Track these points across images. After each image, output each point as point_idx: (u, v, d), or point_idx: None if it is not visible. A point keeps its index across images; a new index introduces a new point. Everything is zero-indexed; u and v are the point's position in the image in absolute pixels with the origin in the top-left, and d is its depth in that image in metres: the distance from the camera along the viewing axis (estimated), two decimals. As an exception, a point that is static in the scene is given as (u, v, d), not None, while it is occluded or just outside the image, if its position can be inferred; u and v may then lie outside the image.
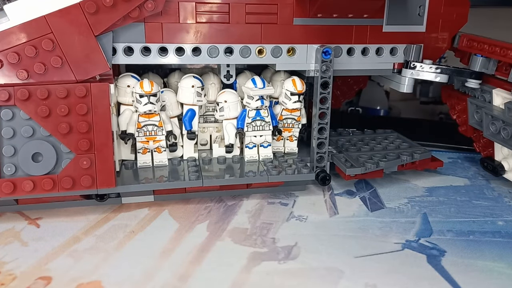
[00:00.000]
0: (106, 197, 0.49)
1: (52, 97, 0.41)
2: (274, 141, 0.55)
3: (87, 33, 0.42)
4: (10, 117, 0.41)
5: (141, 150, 0.51)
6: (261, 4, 0.47)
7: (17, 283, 0.36)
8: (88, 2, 0.41)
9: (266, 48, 0.49)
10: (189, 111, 0.51)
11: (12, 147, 0.41)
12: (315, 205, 0.51)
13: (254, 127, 0.52)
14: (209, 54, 0.48)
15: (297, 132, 0.55)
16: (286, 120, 0.54)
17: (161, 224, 0.46)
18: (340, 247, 0.42)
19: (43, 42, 0.41)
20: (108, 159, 0.43)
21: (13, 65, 0.41)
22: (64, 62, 0.42)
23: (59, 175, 0.42)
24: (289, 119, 0.54)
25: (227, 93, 0.52)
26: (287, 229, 0.45)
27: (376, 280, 0.37)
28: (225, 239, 0.43)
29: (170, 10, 0.45)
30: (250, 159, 0.53)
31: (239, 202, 0.51)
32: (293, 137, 0.56)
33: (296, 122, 0.54)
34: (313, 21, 0.48)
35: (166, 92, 0.52)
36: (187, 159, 0.53)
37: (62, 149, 0.43)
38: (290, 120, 0.54)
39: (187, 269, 0.38)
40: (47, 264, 0.39)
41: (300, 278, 0.37)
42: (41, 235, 0.44)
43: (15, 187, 0.41)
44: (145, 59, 0.47)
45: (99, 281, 0.37)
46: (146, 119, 0.49)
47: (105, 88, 0.42)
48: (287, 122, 0.54)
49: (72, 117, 0.42)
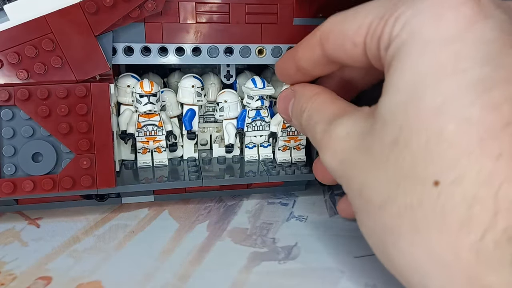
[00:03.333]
0: (106, 197, 0.49)
1: (52, 97, 0.41)
2: (280, 151, 0.53)
3: (87, 33, 0.42)
4: (10, 117, 0.41)
5: (141, 150, 0.51)
6: (261, 4, 0.47)
7: (17, 283, 0.36)
8: (88, 2, 0.41)
9: (266, 48, 0.49)
10: (189, 111, 0.51)
11: (12, 147, 0.41)
12: (315, 205, 0.51)
13: (254, 127, 0.52)
14: (209, 54, 0.48)
15: (304, 140, 0.53)
16: (290, 128, 0.52)
17: (161, 224, 0.46)
18: (340, 247, 0.42)
19: (43, 42, 0.41)
20: (108, 159, 0.43)
21: (13, 65, 0.41)
22: (64, 62, 0.42)
23: (59, 175, 0.42)
24: (294, 127, 0.52)
25: (227, 93, 0.52)
26: (287, 229, 0.45)
27: (376, 280, 0.37)
28: (225, 239, 0.43)
29: (170, 10, 0.45)
30: (250, 159, 0.53)
31: (239, 202, 0.51)
32: (300, 146, 0.53)
33: None
34: (313, 21, 0.48)
35: (166, 92, 0.52)
36: (187, 159, 0.53)
37: (62, 149, 0.43)
38: (294, 128, 0.52)
39: (187, 269, 0.38)
40: (47, 264, 0.39)
41: (300, 278, 0.37)
42: (41, 235, 0.44)
43: (15, 187, 0.41)
44: (145, 59, 0.47)
45: (99, 281, 0.37)
46: (146, 119, 0.49)
47: (105, 88, 0.42)
48: (291, 130, 0.52)
49: (72, 117, 0.42)
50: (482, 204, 0.24)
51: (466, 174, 0.25)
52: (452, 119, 0.26)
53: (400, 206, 0.27)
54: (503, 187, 0.24)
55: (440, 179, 0.26)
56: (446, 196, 0.25)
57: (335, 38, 0.35)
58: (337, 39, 0.34)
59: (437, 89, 0.27)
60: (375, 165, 0.30)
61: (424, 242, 0.26)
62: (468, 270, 0.25)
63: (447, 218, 0.25)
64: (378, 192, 0.29)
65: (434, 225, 0.26)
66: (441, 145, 0.26)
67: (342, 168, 0.33)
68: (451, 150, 0.25)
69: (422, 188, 0.26)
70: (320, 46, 0.36)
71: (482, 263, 0.24)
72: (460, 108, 0.26)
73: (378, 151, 0.29)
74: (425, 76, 0.27)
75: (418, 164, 0.27)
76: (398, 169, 0.28)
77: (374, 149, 0.30)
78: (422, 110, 0.27)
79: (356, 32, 0.33)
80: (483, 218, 0.24)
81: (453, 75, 0.26)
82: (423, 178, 0.26)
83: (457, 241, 0.25)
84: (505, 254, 0.24)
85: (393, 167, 0.28)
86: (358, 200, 0.32)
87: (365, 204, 0.31)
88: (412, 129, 0.27)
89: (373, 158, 0.30)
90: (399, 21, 0.29)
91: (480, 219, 0.24)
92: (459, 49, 0.27)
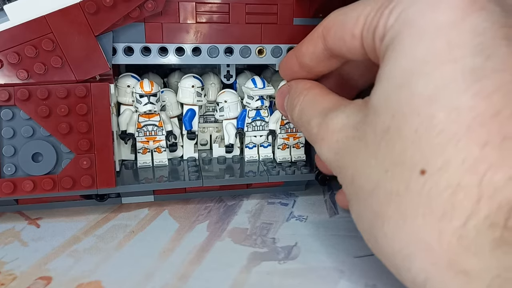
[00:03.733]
0: (106, 197, 0.49)
1: (52, 97, 0.41)
2: (280, 150, 0.53)
3: (87, 33, 0.42)
4: (10, 117, 0.41)
5: (141, 150, 0.51)
6: (261, 4, 0.47)
7: (17, 283, 0.36)
8: (88, 2, 0.41)
9: (266, 48, 0.49)
10: (189, 111, 0.51)
11: (12, 147, 0.41)
12: (315, 205, 0.51)
13: (254, 127, 0.52)
14: (209, 54, 0.48)
15: (303, 138, 0.53)
16: (289, 125, 0.52)
17: (161, 224, 0.46)
18: (340, 247, 0.42)
19: (43, 42, 0.41)
20: (108, 159, 0.43)
21: (13, 65, 0.41)
22: (64, 62, 0.42)
23: (59, 175, 0.42)
24: (292, 124, 0.52)
25: (227, 93, 0.52)
26: (287, 229, 0.45)
27: (376, 280, 0.37)
28: (225, 239, 0.43)
29: (170, 10, 0.45)
30: (250, 159, 0.53)
31: (239, 202, 0.51)
32: (299, 144, 0.53)
33: None
34: (313, 21, 0.48)
35: (166, 92, 0.52)
36: (187, 159, 0.53)
37: (62, 149, 0.43)
38: (293, 125, 0.52)
39: (187, 269, 0.38)
40: (47, 264, 0.39)
41: (300, 278, 0.37)
42: (41, 235, 0.44)
43: (15, 187, 0.41)
44: (145, 59, 0.47)
45: (99, 281, 0.37)
46: (146, 119, 0.49)
47: (105, 88, 0.42)
48: (290, 127, 0.52)
49: (72, 117, 0.42)
50: (466, 191, 0.25)
51: (452, 161, 0.25)
52: (443, 107, 0.26)
53: (387, 192, 0.28)
54: (487, 174, 0.24)
55: (427, 167, 0.26)
56: (431, 182, 0.26)
57: (335, 31, 0.35)
58: (337, 32, 0.35)
59: (429, 77, 0.27)
60: (367, 153, 0.30)
61: (409, 227, 0.27)
62: (450, 254, 0.25)
63: (432, 204, 0.26)
64: (369, 179, 0.30)
65: (419, 211, 0.26)
66: (430, 133, 0.26)
67: (337, 159, 0.34)
68: (439, 137, 0.26)
69: (409, 175, 0.27)
70: (322, 39, 0.37)
71: (463, 248, 0.25)
72: (451, 97, 0.26)
73: (371, 139, 0.30)
74: (418, 64, 0.28)
75: (406, 151, 0.27)
76: (388, 156, 0.28)
77: (367, 138, 0.30)
78: (414, 97, 0.27)
79: (354, 24, 0.33)
80: (466, 205, 0.25)
81: (445, 64, 0.27)
82: (411, 165, 0.27)
83: (440, 227, 0.25)
84: (486, 241, 0.24)
85: (383, 154, 0.29)
86: (350, 187, 0.32)
87: (357, 191, 0.31)
88: (404, 116, 0.28)
89: (366, 146, 0.30)
90: (394, 12, 0.30)
91: (463, 206, 0.25)
92: (452, 38, 0.27)
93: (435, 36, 0.28)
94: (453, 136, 0.26)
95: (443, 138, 0.26)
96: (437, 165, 0.26)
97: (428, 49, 0.28)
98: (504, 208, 0.24)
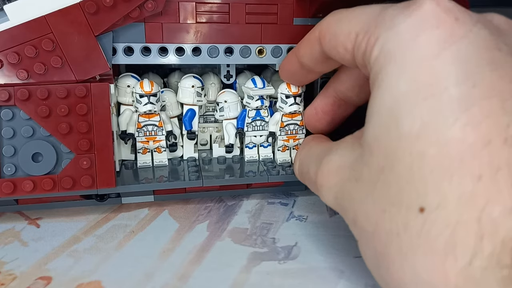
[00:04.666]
0: (106, 197, 0.49)
1: (52, 97, 0.41)
2: (280, 152, 0.52)
3: (87, 33, 0.42)
4: (10, 117, 0.41)
5: (141, 150, 0.51)
6: (261, 4, 0.47)
7: (17, 283, 0.36)
8: (88, 2, 0.41)
9: (266, 48, 0.49)
10: (189, 111, 0.51)
11: (12, 147, 0.41)
12: (315, 205, 0.51)
13: (254, 127, 0.52)
14: (209, 54, 0.48)
15: (303, 140, 0.51)
16: (289, 127, 0.51)
17: (161, 224, 0.46)
18: (340, 247, 0.42)
19: (43, 42, 0.41)
20: (108, 159, 0.43)
21: (13, 65, 0.41)
22: (64, 62, 0.42)
23: (59, 175, 0.42)
24: (291, 125, 0.50)
25: (227, 93, 0.52)
26: (287, 229, 0.45)
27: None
28: (225, 239, 0.43)
29: (170, 10, 0.45)
30: (250, 159, 0.53)
31: (239, 202, 0.51)
32: (299, 145, 0.51)
33: (299, 128, 0.51)
34: (313, 21, 0.48)
35: (166, 92, 0.52)
36: (187, 159, 0.53)
37: (62, 149, 0.43)
38: (292, 126, 0.51)
39: (187, 269, 0.38)
40: (47, 264, 0.39)
41: (300, 278, 0.37)
42: (41, 235, 0.44)
43: (15, 187, 0.41)
44: (145, 59, 0.47)
45: (99, 281, 0.37)
46: (146, 119, 0.49)
47: (105, 88, 0.42)
48: (289, 129, 0.51)
49: (72, 117, 0.42)
50: (466, 228, 0.24)
51: (448, 198, 0.25)
52: (432, 143, 0.26)
53: (387, 233, 0.28)
54: (486, 209, 0.24)
55: (425, 205, 0.25)
56: (430, 221, 0.25)
57: (330, 39, 0.35)
58: (332, 41, 0.35)
59: (414, 114, 0.26)
60: (365, 193, 0.30)
61: (411, 267, 0.26)
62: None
63: (433, 244, 0.25)
64: (368, 220, 0.29)
65: (420, 251, 0.26)
66: (423, 171, 0.26)
67: (338, 203, 0.34)
68: (433, 174, 0.25)
69: (406, 214, 0.26)
70: (318, 43, 0.37)
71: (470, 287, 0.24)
72: (439, 131, 0.25)
73: (367, 180, 0.30)
74: (402, 102, 0.27)
75: (403, 190, 0.27)
76: (385, 196, 0.28)
77: (363, 178, 0.30)
78: (402, 138, 0.27)
79: (346, 38, 0.33)
80: (469, 242, 0.24)
81: (429, 98, 0.26)
82: (408, 204, 0.26)
83: (444, 266, 0.25)
84: (493, 279, 0.23)
85: (379, 194, 0.28)
86: (354, 229, 0.32)
87: (360, 232, 0.31)
88: (396, 157, 0.27)
89: (363, 187, 0.30)
90: (378, 43, 0.29)
91: (465, 244, 0.24)
92: (434, 70, 0.27)
93: (417, 70, 0.27)
94: (446, 172, 0.25)
95: (436, 175, 0.25)
96: (434, 204, 0.25)
97: (411, 85, 0.27)
98: (508, 245, 0.23)
